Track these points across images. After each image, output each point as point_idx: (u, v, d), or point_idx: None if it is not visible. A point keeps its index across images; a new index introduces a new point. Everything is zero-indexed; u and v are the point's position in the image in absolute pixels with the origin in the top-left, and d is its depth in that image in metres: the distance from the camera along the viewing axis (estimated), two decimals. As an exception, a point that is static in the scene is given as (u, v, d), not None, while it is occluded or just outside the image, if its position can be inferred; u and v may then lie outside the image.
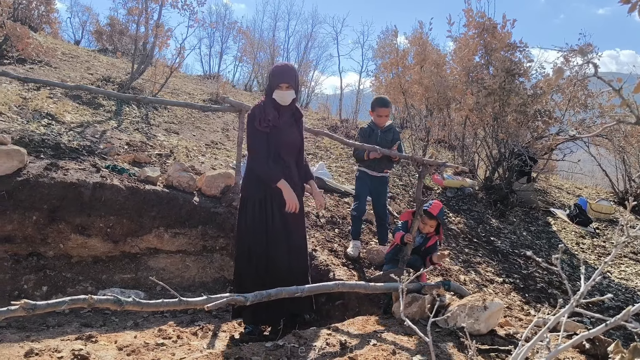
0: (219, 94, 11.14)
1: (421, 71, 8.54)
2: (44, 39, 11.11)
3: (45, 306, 2.31)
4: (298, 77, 3.71)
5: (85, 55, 11.77)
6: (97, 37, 17.18)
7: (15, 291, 4.19)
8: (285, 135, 3.63)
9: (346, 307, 4.22)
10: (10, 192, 4.28)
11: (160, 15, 8.70)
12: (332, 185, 6.70)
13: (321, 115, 13.61)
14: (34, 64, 9.20)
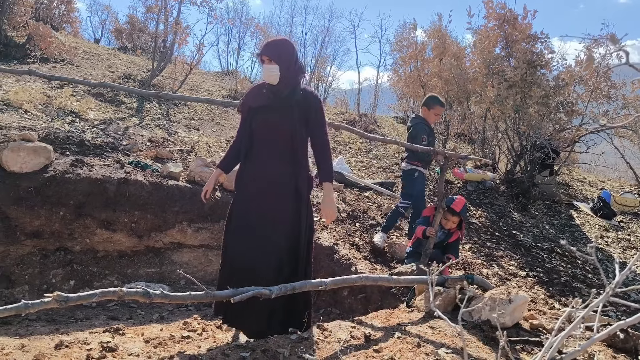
0: (238, 89, 11.20)
1: (440, 64, 8.48)
2: (65, 37, 11.28)
3: (77, 298, 2.36)
4: (289, 52, 3.10)
5: (105, 54, 11.91)
6: (116, 35, 17.37)
7: (44, 285, 4.28)
8: (262, 117, 3.12)
9: (368, 300, 4.23)
10: (38, 189, 4.36)
11: (179, 12, 8.78)
12: (351, 179, 6.71)
13: (339, 110, 13.59)
14: (56, 63, 9.34)
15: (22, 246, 4.30)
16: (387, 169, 8.00)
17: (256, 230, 3.15)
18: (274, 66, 3.03)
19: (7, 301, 4.04)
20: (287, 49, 3.10)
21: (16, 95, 6.09)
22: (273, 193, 3.12)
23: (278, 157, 3.12)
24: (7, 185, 4.27)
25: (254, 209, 3.15)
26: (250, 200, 3.16)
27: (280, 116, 3.06)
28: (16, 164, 4.34)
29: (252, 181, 3.17)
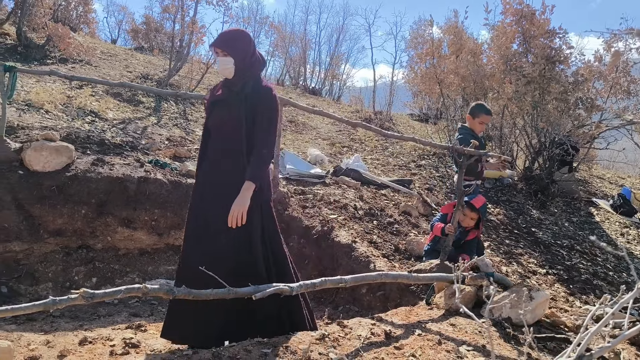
0: (253, 88, 11.23)
1: (457, 61, 8.42)
2: (83, 38, 11.41)
3: (103, 295, 2.40)
4: (244, 44, 2.91)
5: (122, 54, 12.04)
6: (133, 35, 17.56)
7: (67, 282, 4.36)
8: (215, 113, 2.96)
9: (387, 298, 4.23)
10: (60, 187, 4.44)
11: (195, 12, 8.84)
12: (368, 177, 6.70)
13: (354, 107, 13.58)
14: (75, 63, 9.47)
15: (45, 244, 4.38)
16: (404, 167, 7.98)
17: (204, 237, 2.94)
18: (228, 59, 2.85)
19: (31, 298, 4.12)
20: (243, 40, 2.92)
21: (37, 95, 6.19)
22: (221, 194, 2.89)
23: (228, 156, 2.92)
24: (30, 184, 4.35)
25: (204, 212, 2.96)
26: (201, 202, 2.98)
27: (229, 111, 2.88)
28: (39, 163, 4.42)
29: (203, 182, 3.01)
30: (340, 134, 9.85)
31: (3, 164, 4.32)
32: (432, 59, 8.87)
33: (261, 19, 19.84)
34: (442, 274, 3.70)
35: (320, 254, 4.82)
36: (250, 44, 2.94)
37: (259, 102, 2.85)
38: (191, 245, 3.00)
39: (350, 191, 6.02)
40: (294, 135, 9.14)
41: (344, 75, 20.51)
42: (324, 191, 5.80)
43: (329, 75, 19.24)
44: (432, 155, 8.61)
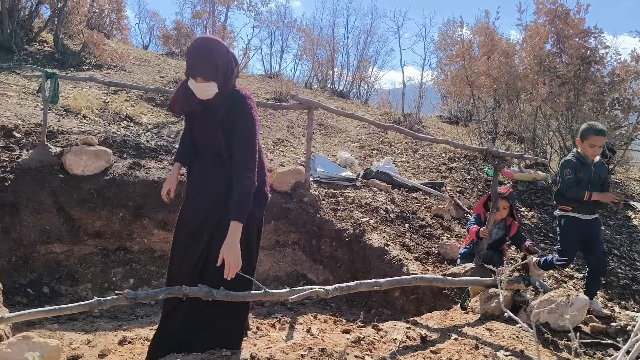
0: (282, 92, 11.31)
1: (488, 62, 8.32)
2: (116, 44, 11.68)
3: (145, 295, 2.46)
4: (226, 59, 2.57)
5: (155, 59, 12.27)
6: (164, 41, 17.83)
7: (106, 283, 4.46)
8: (198, 126, 2.77)
9: (420, 301, 4.21)
10: (99, 191, 4.55)
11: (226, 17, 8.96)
12: (399, 180, 6.67)
13: (383, 110, 13.53)
14: (109, 69, 9.69)
15: (85, 246, 4.50)
16: (434, 169, 7.91)
17: (189, 246, 2.81)
18: (210, 84, 2.54)
19: (71, 298, 4.23)
20: (223, 56, 2.56)
21: (75, 101, 6.37)
22: (205, 204, 2.77)
23: (214, 166, 2.74)
24: (70, 188, 4.48)
25: (191, 219, 2.82)
26: (188, 208, 2.86)
27: (206, 129, 2.69)
28: (79, 167, 4.54)
29: (192, 187, 2.87)
30: (369, 137, 9.83)
31: (45, 168, 4.46)
32: (463, 60, 8.77)
33: (289, 22, 19.97)
34: (477, 278, 3.66)
35: (352, 257, 4.82)
36: (229, 55, 2.61)
37: (234, 120, 2.61)
38: (177, 253, 2.88)
39: (381, 194, 6.01)
40: (324, 138, 9.16)
41: (372, 77, 20.49)
42: (355, 194, 5.80)
43: (357, 77, 19.22)
44: (463, 157, 8.52)
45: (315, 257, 5.14)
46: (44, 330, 3.50)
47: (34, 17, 10.06)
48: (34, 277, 4.20)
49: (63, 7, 9.71)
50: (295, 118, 9.98)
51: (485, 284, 3.60)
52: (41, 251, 4.30)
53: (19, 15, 9.29)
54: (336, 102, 13.06)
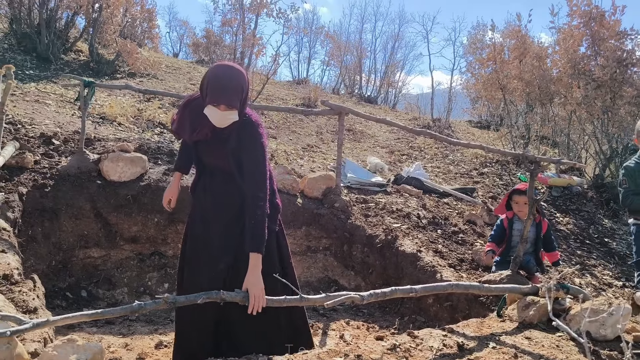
0: (311, 98, 11.37)
1: (520, 65, 8.19)
2: (148, 53, 11.93)
3: (184, 300, 2.48)
4: (246, 86, 2.53)
5: (185, 67, 12.49)
6: (193, 49, 18.14)
7: (141, 287, 4.54)
8: (206, 149, 2.68)
9: (455, 308, 4.15)
10: (135, 196, 4.64)
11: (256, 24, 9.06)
12: (429, 185, 6.62)
13: (412, 115, 13.46)
14: (142, 77, 9.91)
15: (121, 250, 4.59)
16: (465, 174, 7.82)
17: (204, 257, 2.73)
18: (232, 112, 2.47)
19: (108, 302, 4.32)
20: (244, 82, 2.52)
21: (111, 109, 6.52)
22: (221, 219, 2.71)
23: (226, 178, 2.68)
24: (107, 194, 4.58)
25: (206, 236, 2.74)
26: (201, 224, 2.77)
27: (218, 156, 2.63)
28: (115, 173, 4.64)
29: (202, 201, 2.80)
30: (398, 142, 9.78)
31: (83, 175, 4.57)
32: (494, 64, 8.66)
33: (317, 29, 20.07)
34: (515, 285, 3.59)
35: (384, 263, 4.79)
36: (247, 81, 2.57)
37: (244, 148, 2.56)
38: (189, 270, 2.81)
39: (413, 200, 5.96)
40: (352, 144, 9.16)
41: (399, 82, 20.42)
42: (385, 200, 5.78)
43: (385, 83, 19.17)
44: (494, 162, 8.40)
45: (347, 263, 5.13)
46: (83, 333, 3.58)
47: (70, 28, 10.36)
48: (72, 281, 4.30)
49: (98, 17, 9.98)
50: (324, 124, 10.01)
51: (523, 291, 3.53)
52: (79, 256, 4.41)
53: (56, 26, 9.58)
54: (364, 108, 13.05)
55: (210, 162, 2.72)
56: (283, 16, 8.91)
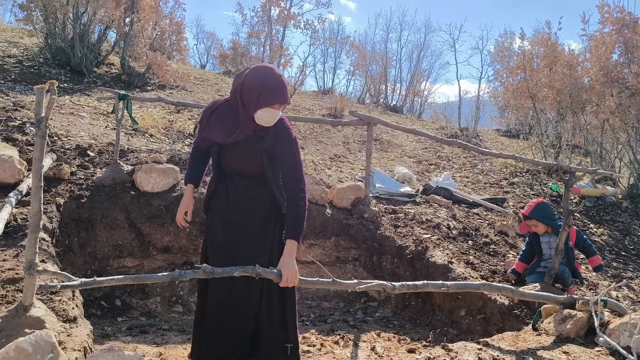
0: (337, 108, 11.40)
1: (550, 73, 8.08)
2: (177, 65, 12.15)
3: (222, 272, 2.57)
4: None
5: (213, 79, 12.67)
6: (220, 60, 18.41)
7: (173, 297, 4.59)
8: (235, 152, 2.68)
9: (488, 321, 4.08)
10: (167, 207, 4.71)
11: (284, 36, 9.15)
12: (459, 195, 6.55)
13: (438, 124, 13.37)
14: (172, 89, 10.09)
15: (154, 260, 4.66)
16: (495, 184, 7.72)
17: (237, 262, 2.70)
18: (280, 110, 2.60)
19: (142, 311, 4.38)
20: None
21: (143, 120, 6.65)
22: (252, 228, 2.75)
23: (255, 185, 2.72)
24: (141, 204, 4.66)
25: (228, 240, 2.75)
26: (230, 235, 2.76)
27: (250, 156, 2.65)
28: (148, 184, 4.73)
29: (225, 212, 2.78)
30: (426, 152, 9.72)
31: (117, 186, 4.67)
32: (524, 72, 8.56)
33: (342, 39, 20.15)
34: (550, 294, 3.52)
35: (414, 274, 4.75)
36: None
37: (281, 144, 2.65)
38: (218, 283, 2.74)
39: (442, 210, 5.91)
40: (379, 154, 9.14)
41: (425, 91, 20.34)
42: (415, 210, 5.74)
43: (410, 92, 19.12)
44: (525, 172, 8.27)
45: (377, 274, 5.10)
46: (118, 342, 3.63)
47: (102, 42, 10.63)
48: (107, 290, 4.38)
49: (129, 31, 10.21)
50: (350, 133, 10.02)
51: (559, 301, 3.46)
52: (114, 265, 4.49)
53: (89, 40, 9.84)
54: (390, 117, 13.02)
55: (237, 166, 2.70)
56: (310, 27, 8.97)
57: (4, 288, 2.93)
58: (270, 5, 8.90)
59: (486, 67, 26.70)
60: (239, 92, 2.57)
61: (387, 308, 4.87)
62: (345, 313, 4.78)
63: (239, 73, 2.69)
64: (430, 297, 4.55)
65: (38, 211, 2.48)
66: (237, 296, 2.70)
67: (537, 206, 4.24)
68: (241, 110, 2.58)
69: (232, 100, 2.64)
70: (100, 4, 9.39)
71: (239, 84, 2.60)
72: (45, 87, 2.47)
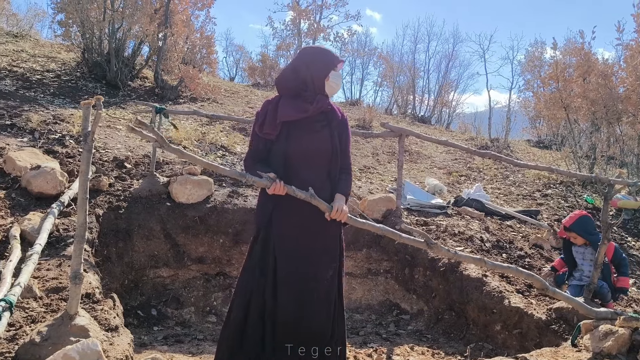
0: (366, 119, 11.42)
1: (584, 84, 7.95)
2: (207, 77, 12.36)
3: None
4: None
5: (243, 91, 12.84)
6: (249, 73, 18.69)
7: (207, 307, 4.65)
8: (304, 138, 2.71)
9: (524, 336, 4.01)
10: (202, 218, 4.79)
11: (313, 48, 9.22)
12: (491, 207, 6.47)
13: (468, 135, 13.25)
14: (203, 102, 10.27)
15: (188, 270, 4.73)
16: (528, 196, 7.60)
17: (303, 275, 2.72)
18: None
19: (177, 321, 4.45)
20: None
21: (176, 133, 6.78)
22: (322, 229, 2.76)
23: (322, 181, 2.76)
24: (176, 215, 4.75)
25: (302, 241, 2.74)
26: (297, 233, 2.75)
27: (320, 138, 2.74)
28: (183, 196, 4.81)
29: (292, 214, 2.74)
30: (456, 163, 9.64)
31: (154, 197, 4.77)
32: (557, 82, 8.44)
33: (369, 50, 20.20)
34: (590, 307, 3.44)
35: (447, 287, 4.70)
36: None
37: (343, 124, 2.83)
38: (276, 292, 2.72)
39: (475, 222, 5.85)
40: (409, 165, 9.10)
41: (453, 102, 20.19)
42: (447, 222, 5.69)
43: (439, 102, 19.01)
44: (558, 184, 8.12)
45: (409, 287, 5.07)
46: (155, 352, 3.69)
47: (137, 56, 10.90)
48: (143, 300, 4.46)
49: (162, 45, 10.45)
50: (379, 145, 10.01)
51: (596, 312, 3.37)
52: (150, 275, 4.57)
53: (124, 55, 10.11)
54: (418, 128, 12.97)
55: (308, 153, 2.72)
56: (340, 40, 9.04)
57: (49, 297, 3.02)
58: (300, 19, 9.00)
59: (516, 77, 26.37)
60: (304, 69, 2.73)
61: (419, 321, 4.83)
62: (377, 325, 4.76)
63: (286, 66, 2.91)
64: (464, 311, 4.50)
65: (84, 222, 2.56)
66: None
67: (579, 219, 4.15)
68: (310, 85, 2.73)
69: (290, 86, 2.76)
70: (135, 20, 9.65)
71: (298, 65, 2.76)
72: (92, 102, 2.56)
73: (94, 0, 9.35)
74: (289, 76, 2.78)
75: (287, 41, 9.91)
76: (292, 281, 2.70)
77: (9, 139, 5.35)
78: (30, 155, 4.74)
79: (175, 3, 10.62)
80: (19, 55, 9.92)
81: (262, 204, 2.81)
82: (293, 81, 2.75)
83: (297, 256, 2.72)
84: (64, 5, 9.47)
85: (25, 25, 14.08)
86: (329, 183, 2.78)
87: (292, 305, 2.69)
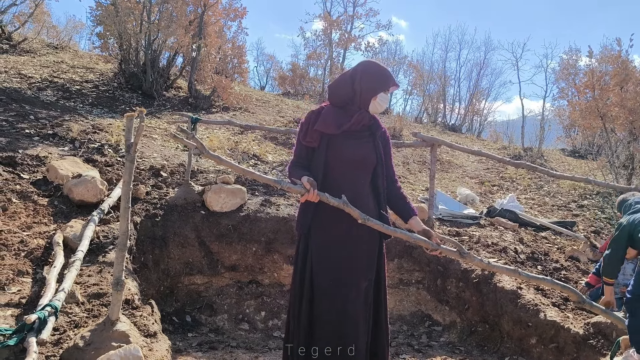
0: (396, 128, 11.39)
1: (622, 92, 7.77)
2: (238, 87, 12.53)
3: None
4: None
5: (273, 100, 12.98)
6: (280, 82, 18.88)
7: (240, 314, 4.70)
8: (345, 148, 2.67)
9: (561, 351, 3.93)
10: (235, 226, 4.86)
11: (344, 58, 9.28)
12: (525, 218, 6.37)
13: (500, 144, 13.08)
14: (235, 111, 10.42)
15: (222, 278, 4.80)
16: (563, 207, 7.45)
17: (346, 279, 2.68)
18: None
19: (210, 328, 4.51)
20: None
21: (210, 142, 6.91)
22: (369, 238, 2.73)
23: (366, 190, 2.73)
24: (210, 223, 4.83)
25: (345, 250, 2.70)
26: (341, 240, 2.70)
27: (365, 148, 2.71)
28: (217, 204, 4.90)
29: (334, 222, 2.69)
30: (488, 172, 9.53)
31: (189, 205, 4.86)
32: (593, 91, 8.27)
33: (399, 59, 20.16)
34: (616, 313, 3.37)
35: (481, 299, 4.65)
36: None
37: (385, 135, 2.83)
38: (316, 303, 2.66)
39: (508, 233, 5.77)
40: (440, 174, 9.03)
41: (485, 110, 19.95)
42: (480, 233, 5.63)
43: (469, 111, 18.82)
44: (595, 194, 7.94)
45: (441, 298, 5.03)
46: (189, 358, 3.76)
47: (171, 67, 11.15)
48: (178, 306, 4.55)
49: (196, 56, 10.67)
50: (410, 154, 9.97)
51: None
52: (184, 282, 4.66)
53: (159, 65, 10.35)
54: (449, 137, 12.86)
55: (353, 160, 2.69)
56: (371, 50, 9.07)
57: (90, 302, 3.12)
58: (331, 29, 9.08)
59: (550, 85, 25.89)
60: (357, 81, 2.70)
61: (452, 333, 4.78)
62: (409, 337, 4.73)
63: (344, 73, 2.88)
64: (499, 324, 4.44)
65: (126, 231, 2.64)
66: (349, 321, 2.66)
67: None
68: (357, 98, 2.71)
69: (341, 94, 2.75)
70: (170, 31, 9.88)
71: (354, 75, 2.73)
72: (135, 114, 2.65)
73: (131, 13, 9.62)
74: (344, 82, 2.76)
75: (318, 51, 9.99)
76: (333, 292, 2.64)
77: (51, 148, 5.54)
78: (71, 164, 4.90)
79: (209, 14, 10.84)
80: (59, 66, 10.26)
81: (302, 211, 2.75)
82: (345, 89, 2.73)
83: (332, 267, 2.66)
84: (103, 18, 9.78)
85: (65, 37, 14.56)
86: (372, 193, 2.76)
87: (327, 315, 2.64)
